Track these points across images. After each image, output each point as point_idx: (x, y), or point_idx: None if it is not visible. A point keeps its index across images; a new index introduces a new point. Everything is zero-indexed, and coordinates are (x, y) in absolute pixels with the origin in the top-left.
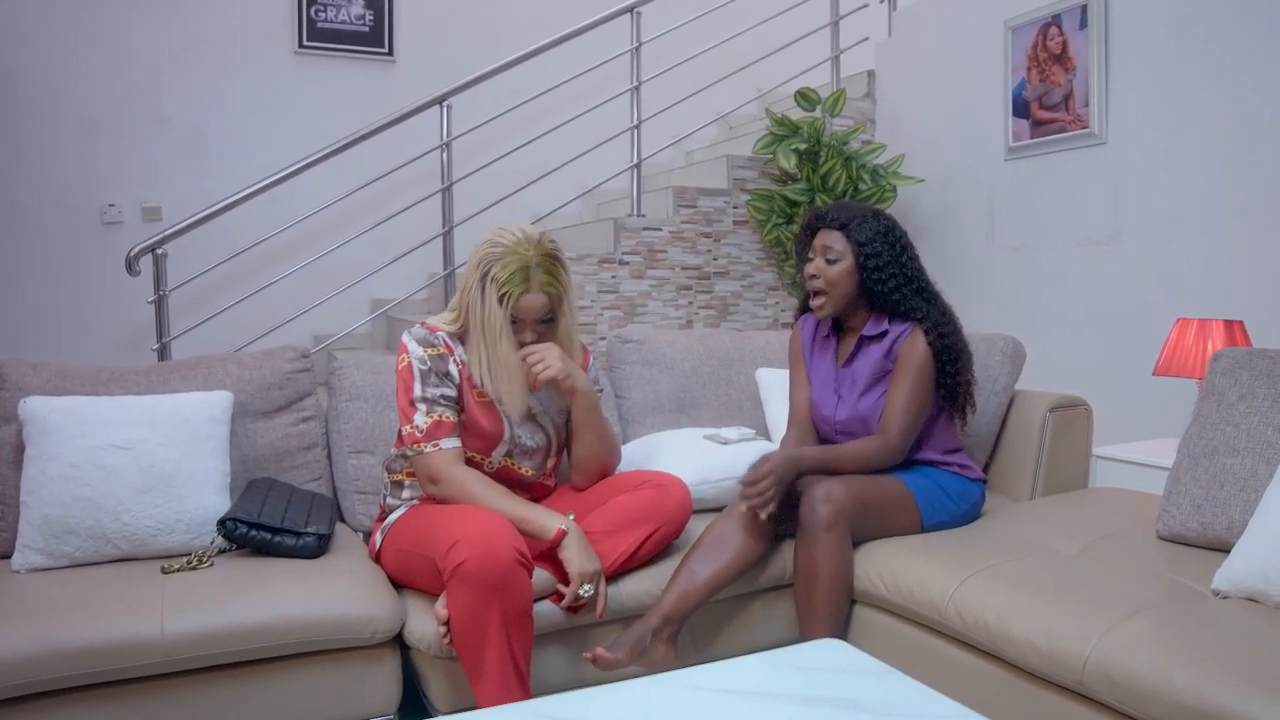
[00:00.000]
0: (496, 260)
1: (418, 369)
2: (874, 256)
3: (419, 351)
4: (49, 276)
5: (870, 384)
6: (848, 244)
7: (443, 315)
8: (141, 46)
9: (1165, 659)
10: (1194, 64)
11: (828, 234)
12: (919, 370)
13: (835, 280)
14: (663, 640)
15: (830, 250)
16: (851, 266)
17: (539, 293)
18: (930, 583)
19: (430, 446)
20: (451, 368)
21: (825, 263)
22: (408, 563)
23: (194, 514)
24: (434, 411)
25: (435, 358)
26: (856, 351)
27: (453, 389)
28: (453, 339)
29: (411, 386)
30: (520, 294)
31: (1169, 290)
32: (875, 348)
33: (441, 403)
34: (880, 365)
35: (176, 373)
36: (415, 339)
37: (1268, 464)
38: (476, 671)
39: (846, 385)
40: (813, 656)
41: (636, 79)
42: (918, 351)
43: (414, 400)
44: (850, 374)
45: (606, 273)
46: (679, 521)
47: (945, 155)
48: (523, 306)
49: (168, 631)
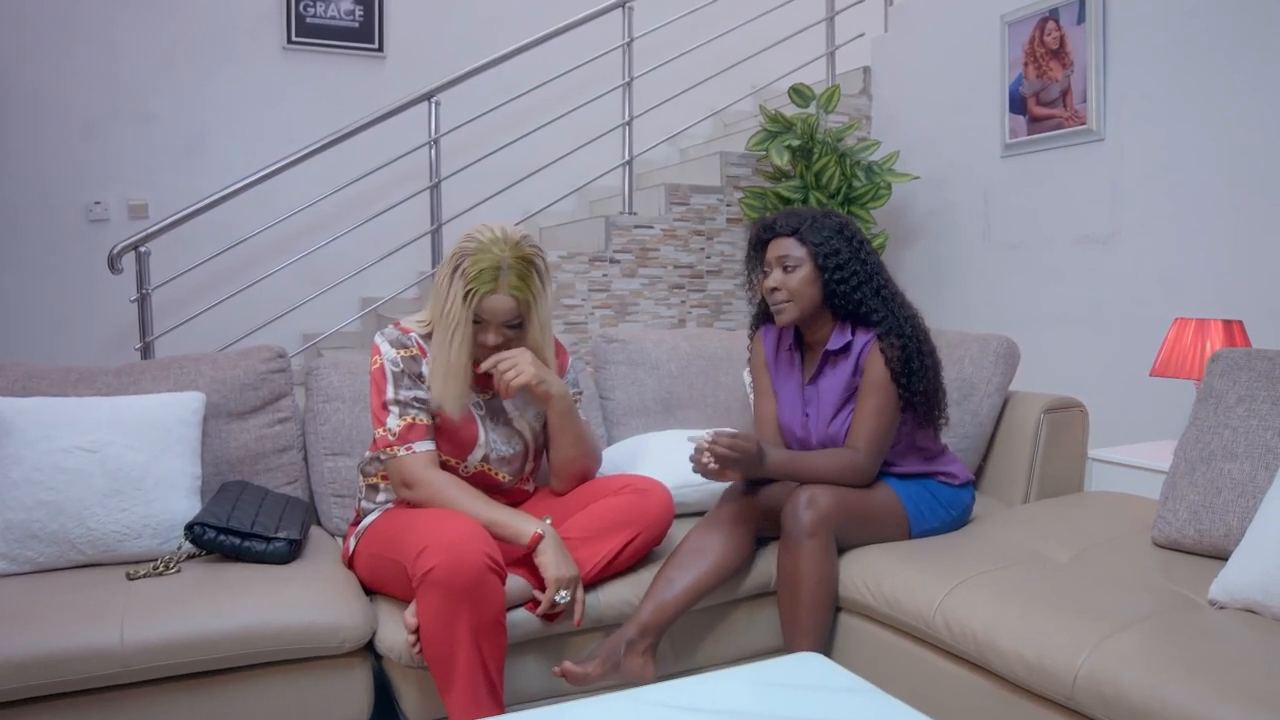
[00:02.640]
0: (469, 255)
1: (390, 371)
2: (833, 255)
3: (391, 353)
4: (33, 274)
5: (840, 404)
6: (803, 248)
7: (417, 315)
8: (129, 42)
9: (1158, 674)
10: (1194, 59)
11: (780, 243)
12: (882, 388)
13: (798, 289)
14: (639, 652)
15: (787, 259)
16: (812, 272)
17: (506, 295)
18: (917, 591)
19: (404, 450)
20: (424, 369)
21: (783, 272)
22: (379, 568)
23: (162, 518)
24: (407, 414)
25: (408, 359)
26: (823, 367)
27: (426, 392)
28: (426, 340)
29: (384, 389)
30: (486, 293)
31: (1167, 289)
32: (843, 364)
33: (414, 405)
34: (849, 383)
35: (148, 373)
36: (388, 340)
37: (1267, 469)
38: (446, 682)
39: (814, 405)
40: (790, 672)
41: (628, 74)
42: (878, 369)
43: (386, 403)
44: (817, 392)
45: (598, 271)
46: (660, 527)
47: (941, 152)
48: (486, 307)
49: (128, 640)
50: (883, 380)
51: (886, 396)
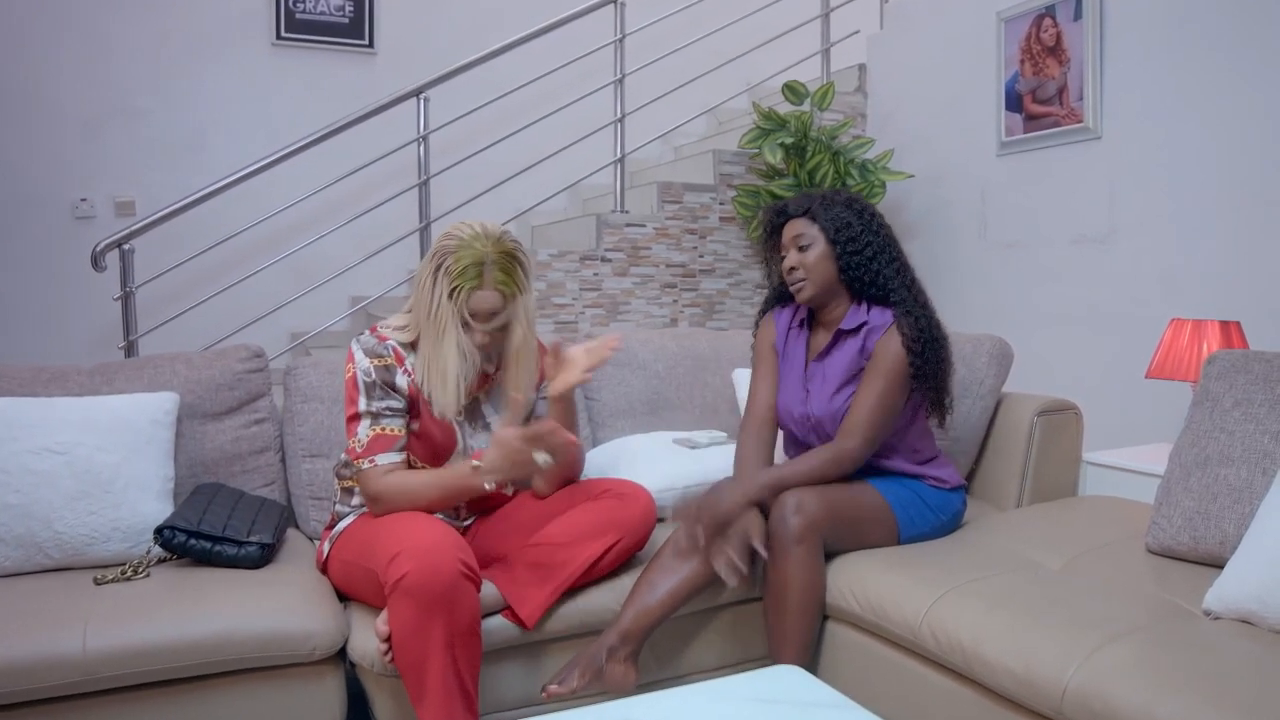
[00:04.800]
0: (451, 253)
1: (362, 381)
2: (844, 229)
3: (365, 363)
4: (19, 272)
5: (845, 381)
6: (816, 227)
7: (396, 319)
8: (118, 38)
9: (1150, 688)
10: (1193, 56)
11: (793, 224)
12: (891, 374)
13: (814, 265)
14: (620, 660)
15: (801, 238)
16: (826, 249)
17: (492, 290)
18: (904, 599)
19: (367, 463)
20: (400, 379)
21: (799, 252)
22: (352, 575)
23: (132, 521)
24: (378, 424)
25: (382, 369)
26: (832, 346)
27: (401, 400)
28: (405, 348)
29: (356, 400)
30: (472, 289)
31: (1164, 289)
32: (852, 342)
33: (387, 414)
34: (856, 361)
35: (121, 373)
36: (363, 348)
37: (1264, 474)
38: (419, 691)
39: (817, 381)
40: (766, 686)
41: (620, 71)
42: (891, 353)
43: (359, 414)
44: (822, 369)
45: (589, 270)
46: (642, 532)
47: (937, 150)
48: (474, 304)
49: (90, 648)
50: (892, 365)
51: (892, 381)
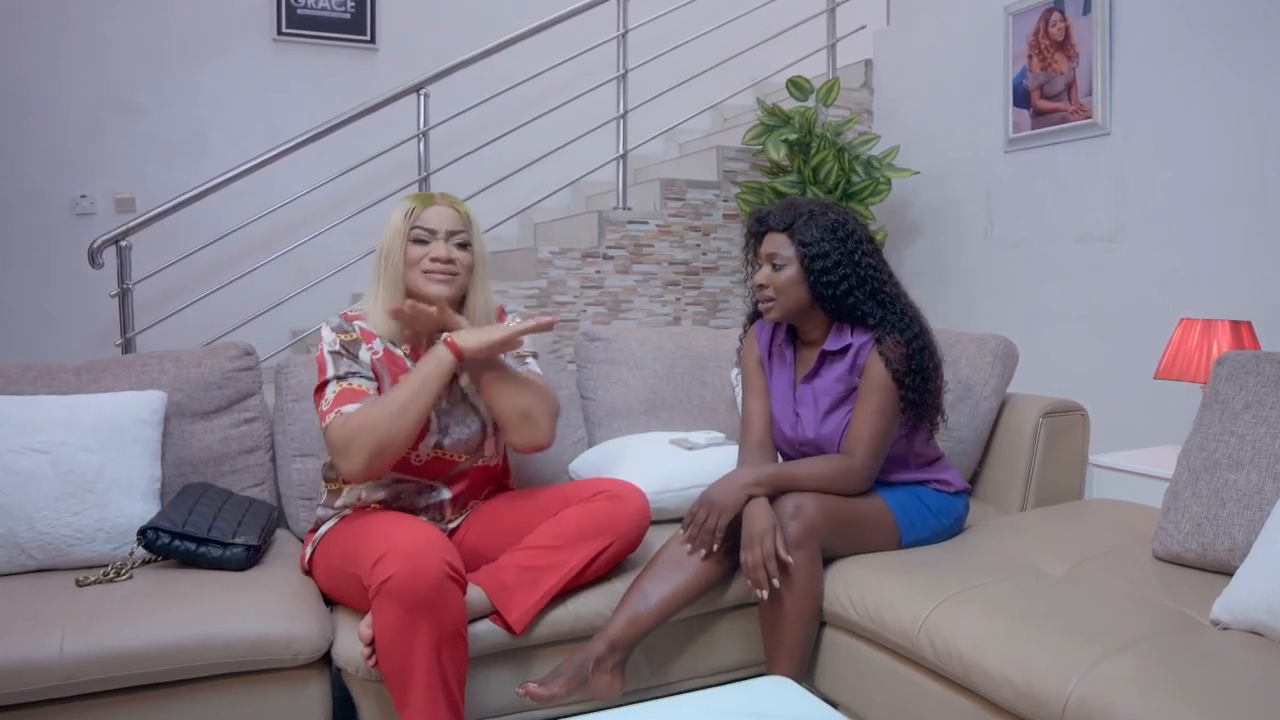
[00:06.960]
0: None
1: (329, 353)
2: (820, 258)
3: (331, 337)
4: (17, 269)
5: (835, 404)
6: (793, 248)
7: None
8: (117, 33)
9: (1154, 701)
10: (1203, 51)
11: (772, 238)
12: (883, 391)
13: (785, 287)
14: (607, 670)
15: (776, 256)
16: (798, 272)
17: (445, 207)
18: (902, 606)
19: (334, 415)
20: (364, 353)
21: (772, 269)
22: (335, 578)
23: (116, 522)
24: (344, 383)
25: (348, 342)
26: (819, 367)
27: (368, 371)
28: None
29: (325, 370)
30: (424, 208)
31: (1173, 289)
32: (839, 364)
33: (354, 376)
34: (845, 381)
35: (109, 371)
36: (330, 326)
37: (1275, 480)
38: (403, 697)
39: (807, 404)
40: (755, 699)
41: (623, 66)
42: (878, 371)
43: (326, 381)
44: (811, 391)
45: (590, 267)
46: (634, 535)
47: (943, 147)
48: (429, 217)
49: (67, 651)
50: (883, 381)
51: (886, 398)
